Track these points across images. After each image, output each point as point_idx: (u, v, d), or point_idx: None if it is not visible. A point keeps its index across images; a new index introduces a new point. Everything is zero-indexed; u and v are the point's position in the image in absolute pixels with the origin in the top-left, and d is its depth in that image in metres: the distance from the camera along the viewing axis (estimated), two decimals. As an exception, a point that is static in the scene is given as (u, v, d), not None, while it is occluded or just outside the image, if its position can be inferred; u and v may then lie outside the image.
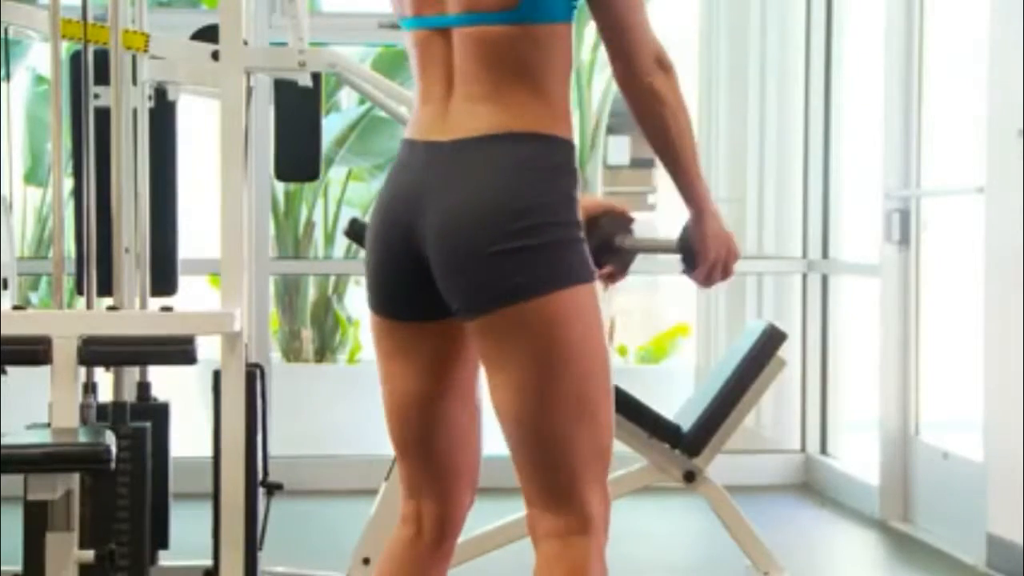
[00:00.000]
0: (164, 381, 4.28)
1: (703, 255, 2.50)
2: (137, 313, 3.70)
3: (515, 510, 2.62)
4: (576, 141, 2.40)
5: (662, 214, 14.07)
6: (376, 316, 2.47)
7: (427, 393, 2.45)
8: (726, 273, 2.53)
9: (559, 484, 2.35)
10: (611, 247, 2.64)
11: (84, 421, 3.49)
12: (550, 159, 2.32)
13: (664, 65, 2.37)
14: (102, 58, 3.58)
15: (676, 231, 2.56)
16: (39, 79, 9.16)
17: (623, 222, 2.68)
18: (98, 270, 3.48)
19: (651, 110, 2.38)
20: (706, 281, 2.54)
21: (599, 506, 2.37)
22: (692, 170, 2.44)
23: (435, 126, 2.36)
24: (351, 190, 10.60)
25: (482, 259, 2.28)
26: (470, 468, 2.51)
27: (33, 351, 3.18)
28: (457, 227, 2.30)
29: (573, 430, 2.33)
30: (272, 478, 3.87)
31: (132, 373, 4.09)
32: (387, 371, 2.48)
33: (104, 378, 3.91)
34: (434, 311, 2.38)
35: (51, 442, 3.02)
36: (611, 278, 2.70)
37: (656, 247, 2.70)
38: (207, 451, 3.55)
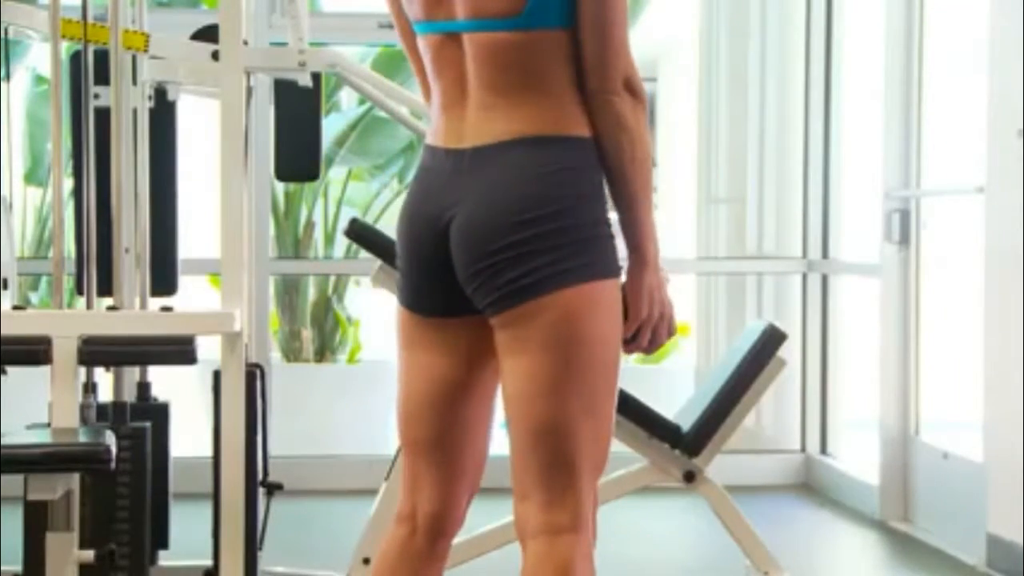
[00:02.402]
0: (164, 381, 4.28)
1: (635, 311, 2.41)
2: (137, 313, 3.70)
3: (509, 512, 2.61)
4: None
5: (662, 214, 14.09)
6: (404, 310, 2.50)
7: (446, 390, 2.48)
8: (655, 340, 2.42)
9: (557, 476, 2.36)
10: None
11: (84, 421, 3.50)
12: (568, 160, 2.35)
13: (633, 90, 2.37)
14: (102, 58, 3.58)
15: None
16: (39, 79, 9.15)
17: None
18: (98, 270, 3.48)
19: (610, 131, 2.37)
20: (630, 344, 2.42)
21: (589, 506, 2.38)
22: (642, 207, 2.40)
23: (454, 133, 2.41)
24: (351, 190, 10.60)
25: (506, 257, 2.32)
26: (474, 470, 2.52)
27: (33, 351, 3.18)
28: (482, 228, 2.34)
29: (579, 424, 2.35)
30: (272, 478, 3.87)
31: (132, 373, 4.09)
32: (409, 364, 2.50)
33: (104, 378, 3.91)
34: (460, 308, 2.42)
35: (51, 442, 3.02)
36: None
37: None
38: (207, 451, 3.55)
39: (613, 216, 2.40)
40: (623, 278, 2.41)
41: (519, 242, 2.32)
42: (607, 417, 2.39)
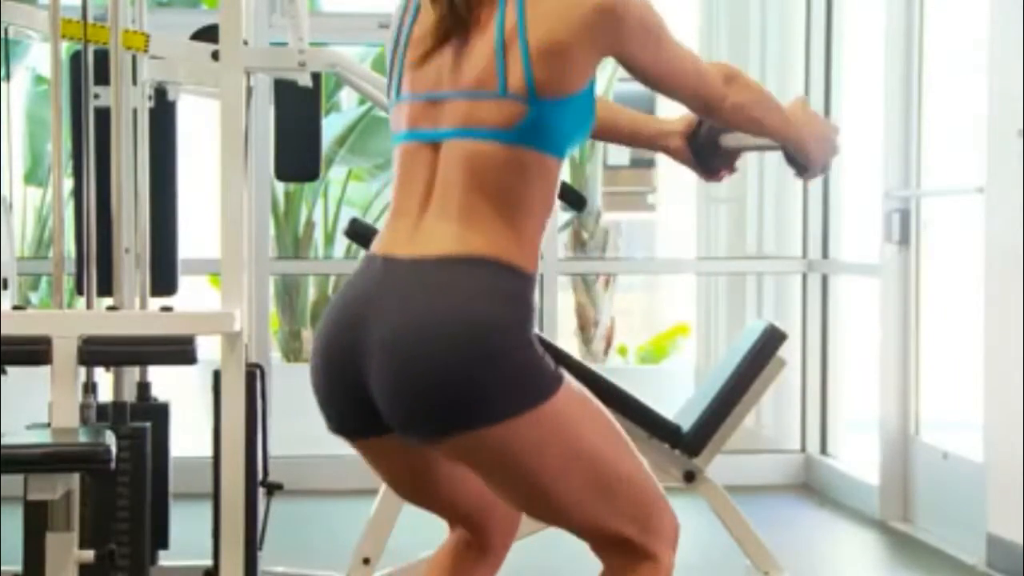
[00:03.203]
0: (164, 381, 4.28)
1: (809, 165, 2.57)
2: (137, 313, 3.70)
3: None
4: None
5: (662, 214, 14.08)
6: (337, 436, 2.41)
7: (421, 484, 2.44)
8: (833, 155, 2.61)
9: (604, 540, 2.34)
10: (716, 148, 2.65)
11: (84, 421, 3.50)
12: (507, 286, 2.23)
13: (729, 77, 2.38)
14: (102, 58, 3.58)
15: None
16: (39, 79, 9.16)
17: None
18: (98, 270, 3.48)
19: (742, 120, 2.43)
20: (822, 173, 2.63)
21: (654, 535, 2.33)
22: (782, 128, 2.48)
23: (400, 241, 2.28)
24: (351, 190, 10.61)
25: (427, 384, 2.19)
26: (498, 502, 2.46)
27: (33, 351, 3.17)
28: (401, 348, 2.21)
29: (597, 509, 2.29)
30: (272, 478, 3.87)
31: (132, 373, 4.09)
32: (372, 470, 2.47)
33: (104, 378, 3.91)
34: (385, 427, 2.31)
35: (51, 442, 3.02)
36: (720, 176, 2.70)
37: (760, 144, 2.69)
38: (207, 451, 3.55)
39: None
40: (559, 392, 2.26)
41: (446, 367, 2.18)
42: (627, 479, 2.31)
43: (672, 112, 2.61)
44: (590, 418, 2.29)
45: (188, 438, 4.81)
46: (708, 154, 2.65)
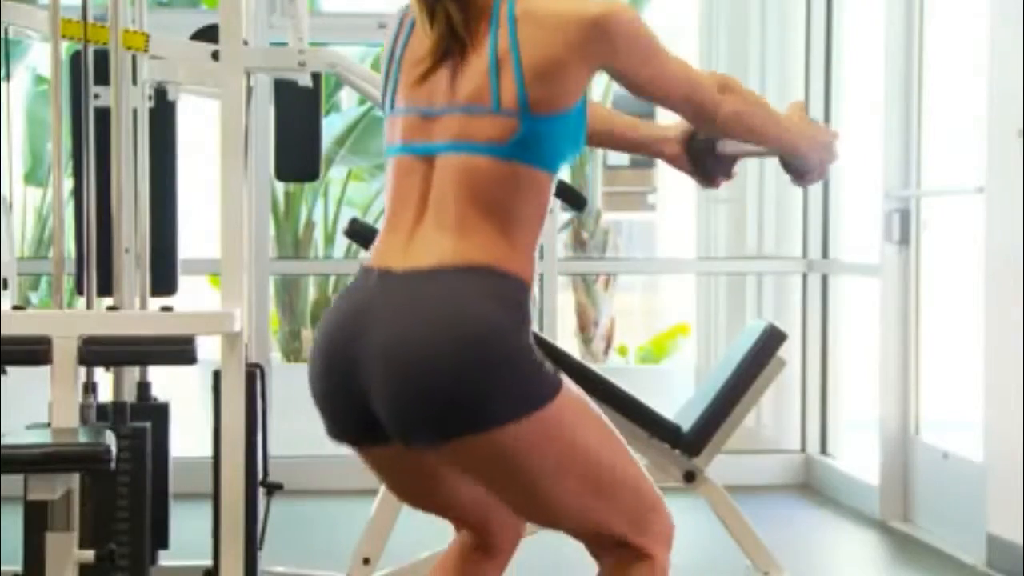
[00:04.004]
0: (164, 381, 4.28)
1: (807, 171, 2.57)
2: (137, 313, 3.70)
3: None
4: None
5: (662, 214, 14.08)
6: (338, 443, 2.43)
7: (424, 490, 2.45)
8: (831, 161, 2.59)
9: (601, 541, 2.36)
10: (713, 155, 2.65)
11: (84, 421, 3.50)
12: (503, 292, 2.25)
13: (725, 87, 2.39)
14: (102, 58, 3.58)
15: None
16: (39, 79, 9.16)
17: None
18: (98, 270, 3.48)
19: (738, 129, 2.43)
20: (819, 179, 2.61)
21: (649, 536, 2.35)
22: (780, 136, 2.49)
23: (394, 254, 2.30)
24: (351, 190, 10.61)
25: (426, 390, 2.21)
26: (494, 508, 2.48)
27: (33, 351, 3.18)
28: (400, 356, 2.22)
29: (595, 511, 2.31)
30: (272, 478, 3.87)
31: (132, 373, 4.09)
32: (376, 477, 2.49)
33: (104, 378, 3.91)
34: (384, 435, 2.33)
35: (51, 442, 3.02)
36: (718, 183, 2.70)
37: (758, 151, 2.70)
38: (207, 451, 3.55)
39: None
40: (558, 396, 2.27)
41: (444, 373, 2.20)
42: (623, 481, 2.32)
43: (672, 118, 2.61)
44: (588, 422, 2.30)
45: (188, 438, 4.81)
46: (705, 161, 2.64)
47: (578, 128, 2.32)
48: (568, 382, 2.29)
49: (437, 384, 2.20)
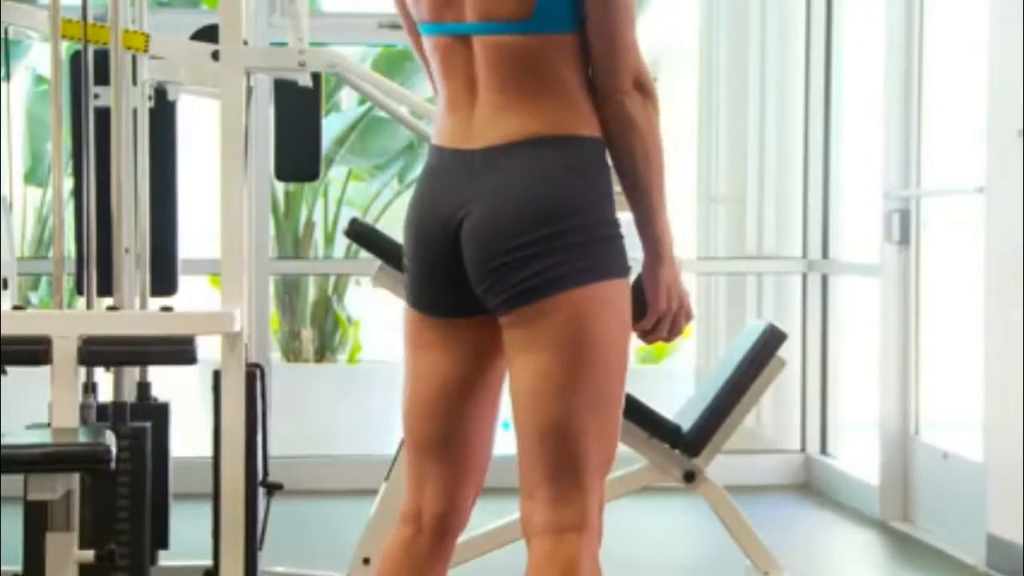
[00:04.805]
0: (164, 381, 4.28)
1: (654, 304, 2.45)
2: (137, 313, 3.70)
3: (515, 510, 2.61)
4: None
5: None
6: (412, 311, 2.51)
7: (454, 389, 2.48)
8: (674, 330, 2.47)
9: (564, 475, 2.36)
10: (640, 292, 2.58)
11: (84, 421, 3.49)
12: (579, 159, 2.37)
13: (643, 89, 2.39)
14: (102, 58, 3.58)
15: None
16: (39, 79, 9.15)
17: None
18: (98, 270, 3.48)
19: (620, 131, 2.39)
20: (650, 334, 2.47)
21: (596, 506, 2.40)
22: (656, 205, 2.41)
23: (462, 134, 2.41)
24: (351, 190, 10.60)
25: (518, 257, 2.34)
26: (479, 468, 2.53)
27: (33, 351, 3.18)
28: (494, 228, 2.35)
29: (587, 421, 2.36)
30: (272, 478, 3.87)
31: (132, 373, 4.09)
32: (416, 364, 2.51)
33: (104, 378, 3.91)
34: (469, 308, 2.43)
35: (51, 442, 3.02)
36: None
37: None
38: (207, 451, 3.55)
39: (623, 215, 2.40)
40: (632, 277, 2.42)
41: (530, 242, 2.33)
42: (614, 417, 2.41)
43: (674, 107, 2.60)
44: (626, 337, 2.41)
45: (188, 438, 4.81)
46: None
47: None
48: None
49: (527, 254, 2.33)
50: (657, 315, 2.45)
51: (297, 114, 4.32)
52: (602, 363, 2.36)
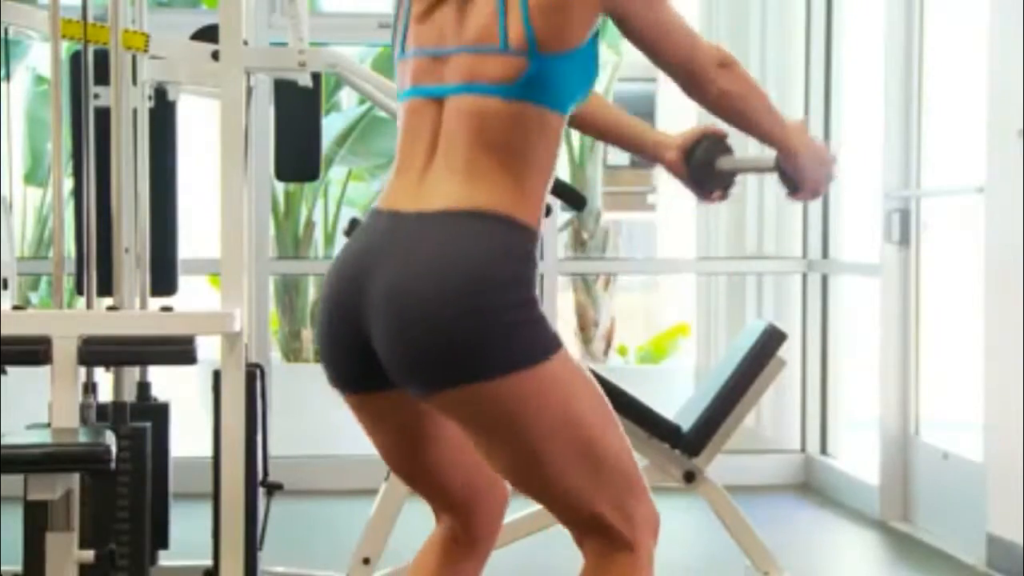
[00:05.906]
0: (164, 381, 4.28)
1: (802, 183, 2.54)
2: (137, 313, 3.70)
3: (517, 509, 2.62)
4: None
5: (662, 214, 14.09)
6: (336, 390, 2.42)
7: (413, 451, 2.43)
8: (828, 182, 2.57)
9: (584, 523, 2.32)
10: (711, 171, 2.63)
11: (84, 421, 3.50)
12: (510, 241, 2.25)
13: (724, 63, 2.37)
14: (102, 58, 3.58)
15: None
16: (39, 79, 9.16)
17: (721, 145, 2.66)
18: (98, 270, 3.48)
19: (730, 109, 2.41)
20: (814, 196, 2.59)
21: (634, 524, 2.33)
22: (773, 129, 2.47)
23: (404, 196, 2.31)
24: (351, 190, 10.61)
25: (427, 334, 2.20)
26: (486, 485, 2.48)
27: (33, 351, 3.18)
28: (403, 298, 2.22)
29: (580, 483, 2.28)
30: (272, 478, 3.87)
31: (132, 373, 4.09)
32: (367, 434, 2.46)
33: (104, 378, 3.91)
34: (388, 380, 2.31)
35: (51, 442, 3.02)
36: (713, 198, 2.68)
37: (755, 167, 2.68)
38: (207, 451, 3.55)
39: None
40: (557, 355, 2.27)
41: (444, 319, 2.19)
42: (612, 453, 2.30)
43: (674, 107, 2.60)
44: (584, 389, 2.29)
45: (188, 438, 4.81)
46: (702, 174, 2.62)
47: (589, 67, 2.31)
48: (567, 349, 2.29)
49: (437, 329, 2.19)
50: (811, 188, 2.54)
51: (297, 114, 4.32)
52: (565, 440, 2.24)
